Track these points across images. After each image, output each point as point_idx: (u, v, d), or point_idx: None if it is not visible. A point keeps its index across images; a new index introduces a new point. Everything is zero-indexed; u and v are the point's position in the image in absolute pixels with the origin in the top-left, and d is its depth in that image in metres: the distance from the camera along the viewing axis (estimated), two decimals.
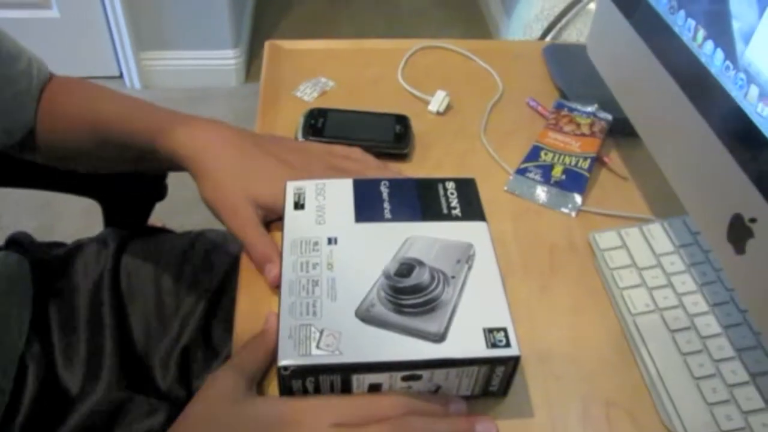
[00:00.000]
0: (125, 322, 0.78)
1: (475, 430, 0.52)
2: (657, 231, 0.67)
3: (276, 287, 0.58)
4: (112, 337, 0.75)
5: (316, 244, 0.57)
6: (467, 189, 0.63)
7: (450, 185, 0.63)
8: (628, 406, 0.56)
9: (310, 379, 0.50)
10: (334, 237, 0.58)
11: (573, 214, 0.72)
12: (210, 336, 0.79)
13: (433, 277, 0.54)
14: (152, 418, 0.70)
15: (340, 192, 0.62)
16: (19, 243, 0.84)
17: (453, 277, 0.55)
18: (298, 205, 0.61)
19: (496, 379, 0.52)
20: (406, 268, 0.55)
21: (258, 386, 0.55)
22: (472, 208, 0.61)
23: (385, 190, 0.63)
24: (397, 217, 0.60)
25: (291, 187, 0.63)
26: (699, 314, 0.60)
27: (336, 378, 0.50)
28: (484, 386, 0.53)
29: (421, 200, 0.62)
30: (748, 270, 0.52)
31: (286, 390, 0.51)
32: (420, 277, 0.54)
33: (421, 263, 0.56)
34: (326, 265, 0.55)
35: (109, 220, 0.98)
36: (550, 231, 0.71)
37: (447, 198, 0.62)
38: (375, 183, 0.63)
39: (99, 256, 0.82)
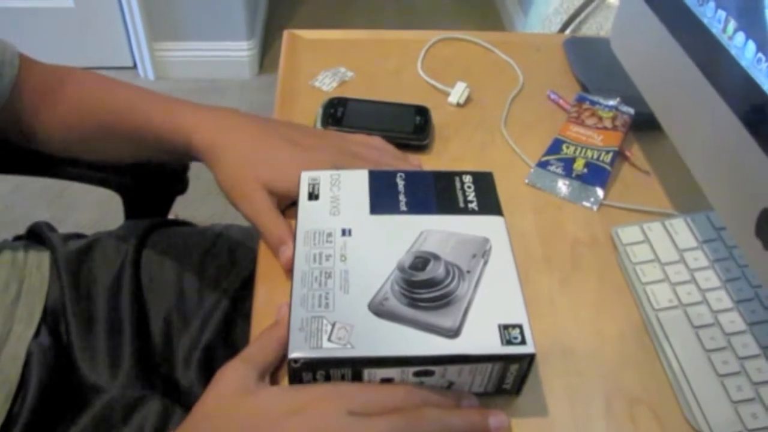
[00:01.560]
0: (145, 315, 0.78)
1: (489, 423, 0.51)
2: (680, 226, 0.66)
3: (289, 270, 0.57)
4: (131, 330, 0.75)
5: (329, 235, 0.56)
6: (484, 183, 0.62)
7: (467, 179, 0.63)
8: (652, 403, 0.56)
9: (320, 372, 0.49)
10: (348, 228, 0.57)
11: (594, 207, 0.72)
12: (232, 334, 0.79)
13: (448, 272, 0.54)
14: (166, 419, 0.69)
15: (356, 183, 0.61)
16: (38, 233, 0.84)
17: (468, 272, 0.54)
18: (313, 196, 0.60)
19: (510, 377, 0.52)
20: (421, 261, 0.54)
21: (272, 378, 0.54)
22: (489, 203, 0.60)
23: (401, 183, 0.62)
24: (412, 209, 0.59)
25: (305, 177, 0.62)
26: (723, 311, 0.59)
27: (347, 371, 0.49)
28: (497, 384, 0.52)
29: (437, 193, 0.61)
30: None
31: (296, 382, 0.50)
32: (435, 271, 0.54)
33: (436, 257, 0.55)
34: (339, 257, 0.55)
35: (129, 213, 0.98)
36: (572, 225, 0.70)
37: (464, 192, 0.61)
38: (391, 175, 0.63)
39: (119, 249, 0.81)
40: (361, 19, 2.82)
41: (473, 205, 0.60)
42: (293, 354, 0.48)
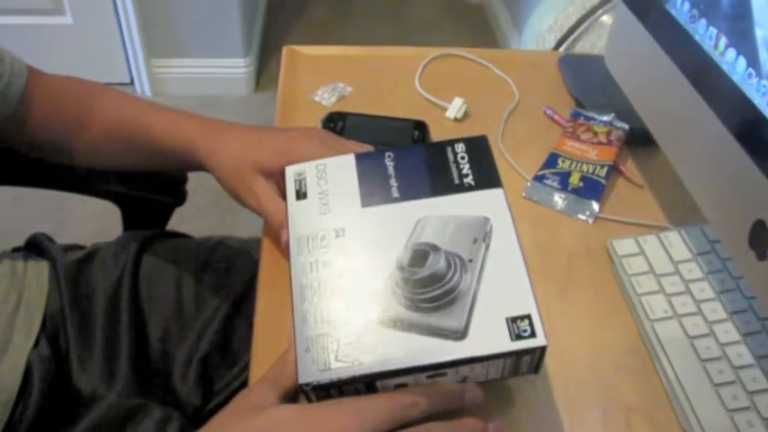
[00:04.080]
0: (143, 325, 0.78)
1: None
2: (674, 239, 0.68)
3: (287, 252, 0.55)
4: (129, 340, 0.75)
5: (323, 238, 0.54)
6: (479, 150, 0.58)
7: (460, 147, 0.58)
8: (648, 411, 0.56)
9: (333, 391, 0.49)
10: (341, 228, 0.54)
11: (590, 220, 0.73)
12: (230, 343, 0.79)
13: (449, 264, 0.51)
14: (165, 426, 0.70)
15: (343, 172, 0.58)
16: (37, 244, 0.84)
17: (470, 261, 0.51)
18: (300, 194, 0.57)
19: (524, 365, 0.50)
20: (420, 255, 0.52)
21: (294, 400, 0.53)
22: (485, 173, 0.56)
23: (390, 164, 0.58)
24: (405, 195, 0.55)
25: (291, 172, 0.59)
26: (718, 321, 0.60)
27: (360, 385, 0.49)
28: (512, 371, 0.51)
29: (430, 171, 0.57)
30: None
31: (311, 401, 0.50)
32: (435, 265, 0.51)
33: (435, 248, 0.52)
34: (336, 262, 0.52)
35: (128, 225, 0.99)
36: (568, 237, 0.71)
37: (458, 164, 0.57)
38: (379, 156, 0.58)
39: (118, 259, 0.82)
40: (356, 38, 2.84)
41: (469, 180, 0.56)
42: (303, 379, 0.47)
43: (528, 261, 0.67)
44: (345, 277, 0.52)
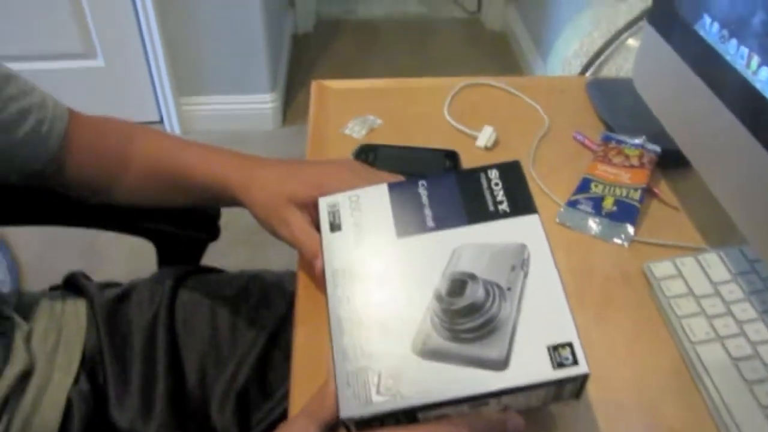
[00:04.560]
0: (179, 360, 0.79)
1: None
2: (713, 260, 0.67)
3: (321, 280, 0.54)
4: (165, 375, 0.76)
5: (359, 271, 0.53)
6: (513, 175, 0.57)
7: (493, 174, 0.57)
8: None
9: (374, 423, 0.48)
10: (376, 259, 0.54)
11: (626, 244, 0.72)
12: (266, 375, 0.80)
13: (487, 293, 0.50)
14: None
15: (377, 202, 0.57)
16: (75, 282, 0.86)
17: (509, 289, 0.50)
18: (335, 226, 0.57)
19: (566, 392, 0.50)
20: (458, 284, 0.51)
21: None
22: (520, 200, 0.56)
23: (423, 193, 0.57)
24: (440, 224, 0.55)
25: (324, 204, 0.58)
26: (762, 342, 0.59)
27: (401, 416, 0.48)
28: (554, 398, 0.51)
29: (464, 199, 0.56)
30: None
31: None
32: (474, 294, 0.51)
33: (473, 277, 0.51)
34: (373, 294, 0.52)
35: (162, 261, 1.00)
36: (603, 262, 0.71)
37: (492, 191, 0.56)
38: (412, 185, 0.58)
39: (154, 295, 0.83)
40: (381, 70, 2.87)
41: (504, 207, 0.55)
42: (344, 414, 0.47)
43: (565, 288, 0.67)
44: (383, 310, 0.51)
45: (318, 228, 0.58)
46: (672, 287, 0.65)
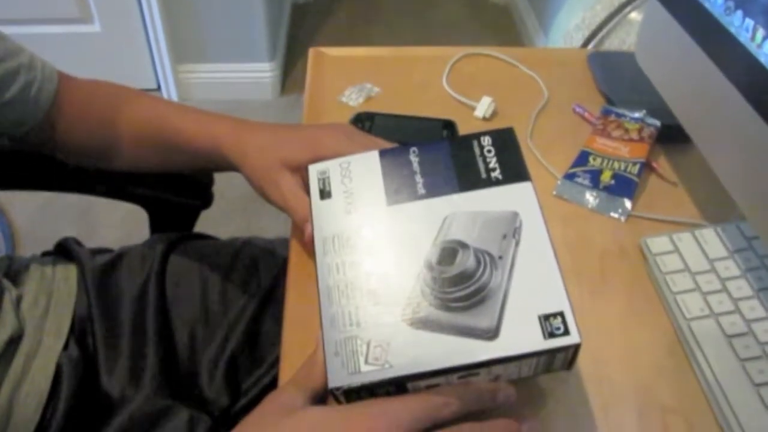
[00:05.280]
0: (169, 327, 0.78)
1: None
2: (710, 236, 0.66)
3: (311, 247, 0.54)
4: (156, 342, 0.75)
5: (348, 239, 0.53)
6: (506, 143, 0.56)
7: (486, 141, 0.56)
8: (685, 413, 0.55)
9: (363, 393, 0.48)
10: (367, 227, 0.53)
11: (623, 219, 0.72)
12: (257, 342, 0.79)
13: (478, 261, 0.49)
14: (193, 428, 0.70)
15: (368, 169, 0.56)
16: (66, 248, 0.85)
17: (500, 258, 0.49)
18: (325, 193, 0.56)
19: (557, 362, 0.49)
20: (449, 252, 0.50)
21: (323, 401, 0.52)
22: (513, 167, 0.54)
23: (415, 160, 0.56)
24: (432, 191, 0.54)
25: (314, 171, 0.58)
26: (757, 320, 0.59)
27: (390, 387, 0.48)
28: (545, 368, 0.50)
29: (456, 166, 0.55)
30: None
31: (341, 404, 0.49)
32: (464, 263, 0.50)
33: (464, 245, 0.50)
34: (363, 262, 0.51)
35: (155, 228, 0.99)
36: (600, 236, 0.70)
37: (484, 158, 0.55)
38: (403, 152, 0.57)
39: (145, 261, 0.82)
40: (381, 38, 2.84)
41: (496, 174, 0.54)
42: (333, 384, 0.47)
43: (559, 260, 0.67)
44: (372, 278, 0.51)
45: (309, 193, 0.58)
46: (668, 263, 0.65)
